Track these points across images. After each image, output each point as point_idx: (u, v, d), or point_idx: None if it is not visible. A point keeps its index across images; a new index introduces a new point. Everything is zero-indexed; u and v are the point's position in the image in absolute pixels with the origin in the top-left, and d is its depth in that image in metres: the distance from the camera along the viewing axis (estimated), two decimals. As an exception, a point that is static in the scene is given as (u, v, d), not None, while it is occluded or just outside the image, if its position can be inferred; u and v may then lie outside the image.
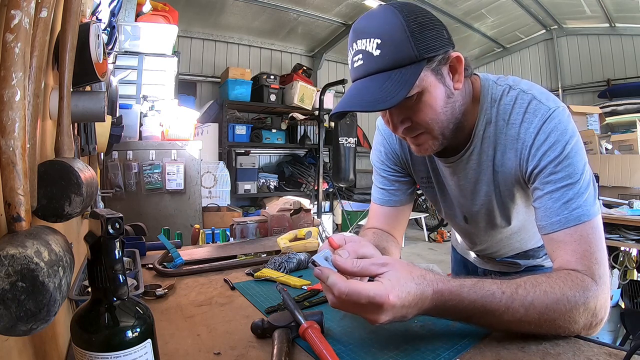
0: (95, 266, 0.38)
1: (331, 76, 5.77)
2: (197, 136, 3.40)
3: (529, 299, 0.57)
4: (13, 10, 0.35)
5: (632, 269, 2.41)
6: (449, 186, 0.87)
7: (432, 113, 0.68)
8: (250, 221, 1.40)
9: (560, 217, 0.65)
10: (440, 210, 0.98)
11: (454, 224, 1.01)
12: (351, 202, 5.25)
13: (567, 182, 0.65)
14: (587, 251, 0.63)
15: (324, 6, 4.53)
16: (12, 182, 0.35)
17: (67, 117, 0.57)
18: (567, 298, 0.58)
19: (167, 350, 0.59)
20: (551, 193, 0.66)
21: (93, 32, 0.70)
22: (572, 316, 0.58)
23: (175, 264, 1.03)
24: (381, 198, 0.97)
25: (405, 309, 0.55)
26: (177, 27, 2.85)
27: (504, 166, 0.75)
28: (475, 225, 0.91)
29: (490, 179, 0.78)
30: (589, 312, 0.59)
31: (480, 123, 0.75)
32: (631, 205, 2.40)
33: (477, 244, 1.02)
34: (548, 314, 0.57)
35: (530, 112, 0.69)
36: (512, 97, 0.72)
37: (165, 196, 2.49)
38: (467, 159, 0.79)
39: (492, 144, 0.75)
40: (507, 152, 0.74)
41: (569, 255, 0.64)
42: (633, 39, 4.60)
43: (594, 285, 0.60)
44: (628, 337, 2.22)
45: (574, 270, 0.62)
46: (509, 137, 0.72)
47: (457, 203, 0.89)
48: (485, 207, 0.83)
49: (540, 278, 0.60)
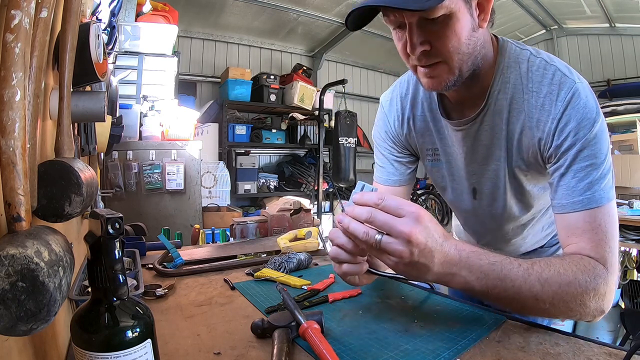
0: (95, 266, 0.38)
1: (331, 76, 5.77)
2: (197, 136, 3.40)
3: (544, 275, 0.58)
4: (13, 10, 0.35)
5: (632, 269, 2.41)
6: (459, 154, 0.83)
7: (455, 40, 0.63)
8: (250, 221, 1.40)
9: (583, 197, 0.64)
10: (446, 189, 0.94)
11: (460, 210, 0.97)
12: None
13: (592, 161, 0.64)
14: (602, 240, 0.63)
15: (324, 6, 4.52)
16: (12, 182, 0.35)
17: (67, 117, 0.57)
18: (579, 282, 0.59)
19: (167, 350, 0.59)
20: (576, 172, 0.65)
21: (93, 32, 0.70)
22: (584, 300, 0.59)
23: (175, 264, 1.03)
24: (380, 176, 0.97)
25: (434, 235, 0.56)
26: (177, 27, 2.85)
27: (521, 133, 0.72)
28: (482, 206, 0.88)
29: (503, 144, 0.75)
30: (600, 297, 0.61)
31: (496, 83, 0.72)
32: (631, 205, 2.40)
33: (481, 236, 1.00)
34: (561, 294, 0.58)
35: (556, 83, 0.67)
36: (534, 63, 0.70)
37: (165, 196, 2.49)
38: (481, 121, 0.75)
39: (507, 107, 0.72)
40: (527, 120, 0.70)
41: (584, 243, 0.64)
42: (633, 39, 4.59)
43: (605, 272, 0.62)
44: (628, 337, 2.23)
45: (587, 257, 0.63)
46: (530, 105, 0.69)
47: (467, 172, 0.85)
48: (495, 174, 0.80)
49: (554, 260, 0.62)
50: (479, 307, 0.75)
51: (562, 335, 0.62)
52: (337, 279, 0.93)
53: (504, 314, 0.71)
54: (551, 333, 0.63)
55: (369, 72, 6.40)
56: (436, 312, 0.74)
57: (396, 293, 0.84)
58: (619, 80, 4.69)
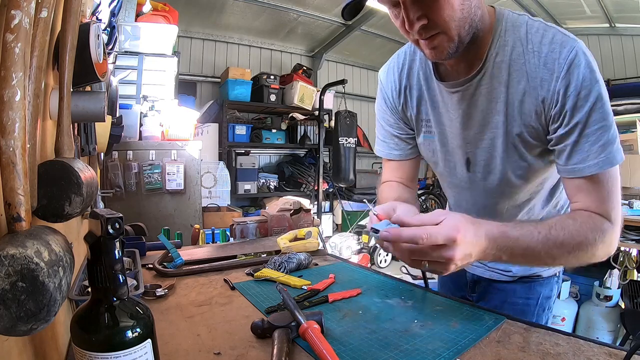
0: (95, 266, 0.38)
1: (331, 76, 5.77)
2: (197, 136, 3.40)
3: (560, 239, 0.65)
4: (13, 10, 0.35)
5: (632, 269, 2.41)
6: (454, 120, 0.82)
7: (449, 9, 0.64)
8: (250, 221, 1.40)
9: (598, 160, 0.67)
10: (437, 163, 0.92)
11: (452, 186, 0.95)
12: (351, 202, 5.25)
13: (602, 124, 0.66)
14: (606, 197, 0.70)
15: (324, 6, 4.52)
16: (12, 182, 0.35)
17: (67, 117, 0.57)
18: (589, 240, 0.67)
19: (167, 350, 0.59)
20: (587, 136, 0.67)
21: (93, 32, 0.70)
22: (594, 252, 0.68)
23: (175, 264, 1.03)
24: (382, 150, 0.99)
25: (470, 245, 0.61)
26: (177, 27, 2.85)
27: (523, 96, 0.72)
28: (476, 179, 0.86)
29: (501, 109, 0.75)
30: (606, 247, 0.69)
31: (494, 46, 0.73)
32: (631, 205, 2.40)
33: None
34: (575, 253, 0.67)
35: (557, 42, 0.68)
36: (533, 26, 0.71)
37: (165, 196, 2.49)
38: (478, 84, 0.75)
39: (507, 70, 0.72)
40: (530, 81, 0.70)
41: (590, 201, 0.70)
42: (633, 39, 4.59)
43: (610, 226, 0.69)
44: (628, 337, 2.23)
45: (594, 213, 0.69)
46: (532, 65, 0.70)
47: (462, 140, 0.83)
48: (491, 143, 0.79)
49: (567, 221, 0.68)
50: (479, 307, 0.76)
51: (562, 335, 0.62)
52: (337, 279, 0.94)
53: (504, 314, 0.71)
54: (551, 333, 0.63)
55: (369, 72, 6.39)
56: (436, 312, 0.74)
57: (396, 293, 0.84)
58: (619, 80, 4.69)
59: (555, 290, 1.00)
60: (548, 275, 0.98)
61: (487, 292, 1.02)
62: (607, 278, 2.39)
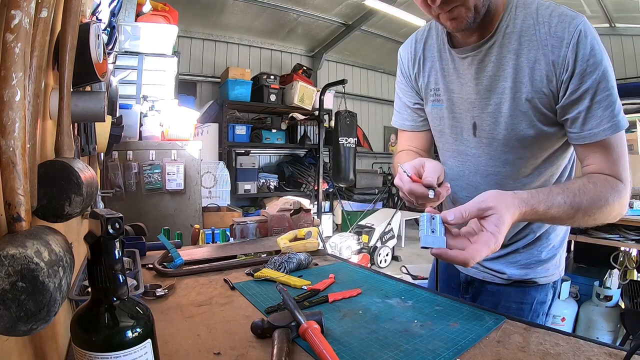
0: (95, 266, 0.38)
1: (331, 76, 5.78)
2: (197, 136, 3.40)
3: (583, 205, 0.72)
4: (13, 10, 0.35)
5: (632, 269, 2.41)
6: (463, 86, 0.87)
7: None
8: (250, 221, 1.40)
9: (611, 123, 0.73)
10: (444, 132, 0.96)
11: (457, 155, 0.95)
12: (351, 202, 5.26)
13: (609, 92, 0.73)
14: (616, 160, 0.76)
15: (324, 6, 4.53)
16: (12, 182, 0.35)
17: (67, 117, 0.57)
18: (608, 201, 0.73)
19: (167, 350, 0.59)
20: (600, 102, 0.73)
21: (93, 32, 0.70)
22: (611, 212, 0.75)
23: (175, 264, 1.03)
24: (397, 120, 1.07)
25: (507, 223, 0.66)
26: (177, 27, 2.85)
27: (534, 62, 0.77)
28: (482, 145, 0.88)
29: (509, 75, 0.79)
30: (621, 207, 0.76)
31: (504, 19, 0.79)
32: (631, 205, 2.39)
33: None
34: (596, 215, 0.74)
35: (566, 16, 0.74)
36: (543, 4, 0.77)
37: (165, 196, 2.49)
38: (487, 51, 0.81)
39: (517, 40, 0.78)
40: (541, 48, 0.75)
41: (602, 164, 0.77)
42: (633, 39, 4.59)
43: (623, 187, 0.76)
44: (628, 337, 2.22)
45: (608, 175, 0.76)
46: (542, 34, 0.75)
47: (469, 105, 0.87)
48: (497, 108, 0.83)
49: (588, 186, 0.74)
50: (479, 307, 0.76)
51: (562, 335, 0.62)
52: (337, 279, 0.94)
53: (504, 314, 0.71)
54: (551, 333, 0.63)
55: (369, 72, 6.40)
56: (436, 312, 0.74)
57: (396, 293, 0.84)
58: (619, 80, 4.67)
59: (550, 295, 0.98)
60: (544, 283, 0.96)
61: (480, 293, 1.01)
62: (607, 278, 2.39)
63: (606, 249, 2.42)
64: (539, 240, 0.94)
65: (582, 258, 2.91)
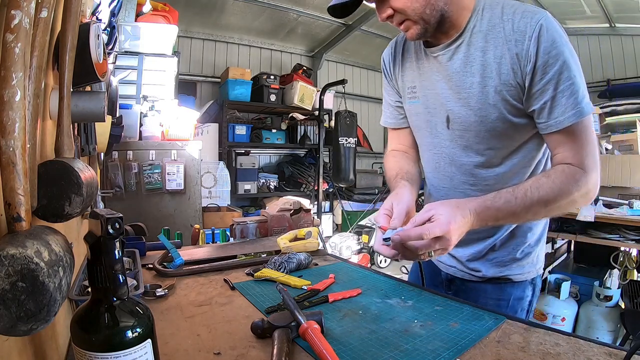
0: (95, 266, 0.38)
1: (331, 76, 5.77)
2: (197, 136, 3.40)
3: (535, 199, 0.75)
4: (13, 10, 0.35)
5: (632, 269, 2.41)
6: (435, 82, 0.92)
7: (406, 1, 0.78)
8: (250, 221, 1.40)
9: (575, 110, 0.76)
10: (421, 127, 1.00)
11: (433, 148, 0.99)
12: (351, 202, 5.25)
13: (572, 81, 0.75)
14: (580, 147, 0.78)
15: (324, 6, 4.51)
16: (12, 182, 0.35)
17: (67, 117, 0.57)
18: (564, 192, 0.76)
19: (167, 350, 0.59)
20: (563, 91, 0.76)
21: (93, 32, 0.70)
22: (572, 201, 0.78)
23: (175, 264, 1.03)
24: (382, 119, 1.14)
25: (461, 229, 0.72)
26: (177, 27, 2.85)
27: (501, 57, 0.80)
28: (455, 137, 0.92)
29: (477, 71, 0.83)
30: (583, 194, 0.78)
31: (472, 20, 0.84)
32: (631, 205, 2.39)
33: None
34: (552, 206, 0.77)
35: (529, 11, 0.78)
36: (508, 4, 0.82)
37: (165, 196, 2.49)
38: (455, 50, 0.86)
39: (483, 38, 0.82)
40: (506, 43, 0.79)
41: (567, 152, 0.79)
42: (633, 39, 4.59)
43: (584, 175, 0.77)
44: (628, 337, 2.23)
45: (569, 165, 0.78)
46: (507, 31, 0.79)
47: (442, 100, 0.91)
48: (466, 102, 0.87)
49: (541, 180, 0.78)
50: (479, 307, 0.76)
51: (562, 335, 0.62)
52: (337, 279, 0.94)
53: (504, 314, 0.71)
54: (551, 333, 0.63)
55: (369, 72, 6.39)
56: (436, 312, 0.74)
57: (396, 293, 0.84)
58: (619, 80, 4.68)
59: (529, 292, 0.99)
60: (520, 280, 0.98)
61: (461, 290, 1.03)
62: (607, 278, 2.39)
63: (606, 249, 2.42)
64: (515, 238, 0.96)
65: (582, 258, 2.91)
